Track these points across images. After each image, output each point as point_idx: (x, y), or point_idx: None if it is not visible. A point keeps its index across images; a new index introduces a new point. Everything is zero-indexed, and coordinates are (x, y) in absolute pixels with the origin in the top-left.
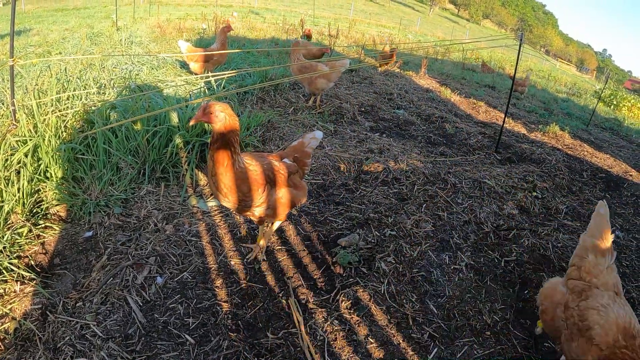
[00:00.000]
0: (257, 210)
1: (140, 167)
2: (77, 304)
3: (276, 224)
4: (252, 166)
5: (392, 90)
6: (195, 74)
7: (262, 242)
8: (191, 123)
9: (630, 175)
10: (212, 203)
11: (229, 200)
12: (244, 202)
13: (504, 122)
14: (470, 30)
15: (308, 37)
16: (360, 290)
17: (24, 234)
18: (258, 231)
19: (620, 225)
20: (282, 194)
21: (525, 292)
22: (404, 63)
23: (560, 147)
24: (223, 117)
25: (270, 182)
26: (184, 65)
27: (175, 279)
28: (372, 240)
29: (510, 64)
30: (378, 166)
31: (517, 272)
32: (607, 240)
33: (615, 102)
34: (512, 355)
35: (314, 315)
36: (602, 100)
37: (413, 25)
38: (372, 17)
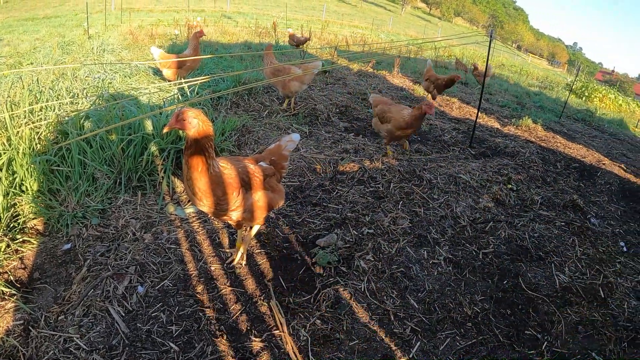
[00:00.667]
0: (234, 214)
1: (116, 176)
2: (59, 318)
3: (255, 228)
4: (227, 170)
5: (366, 90)
6: (169, 81)
7: (241, 247)
8: (165, 130)
9: (604, 163)
10: (190, 210)
11: (205, 205)
12: (220, 206)
13: (477, 117)
14: (442, 28)
15: (298, 44)
16: (341, 289)
17: (2, 250)
18: (237, 236)
19: (596, 212)
20: (259, 197)
21: (504, 282)
22: (377, 62)
23: (534, 139)
24: (196, 124)
25: (246, 185)
26: (157, 72)
27: (157, 288)
28: (351, 240)
29: (482, 60)
30: (354, 166)
31: (495, 263)
32: None
33: (587, 94)
34: (494, 344)
35: (296, 316)
36: (574, 93)
37: (385, 25)
38: (345, 18)
